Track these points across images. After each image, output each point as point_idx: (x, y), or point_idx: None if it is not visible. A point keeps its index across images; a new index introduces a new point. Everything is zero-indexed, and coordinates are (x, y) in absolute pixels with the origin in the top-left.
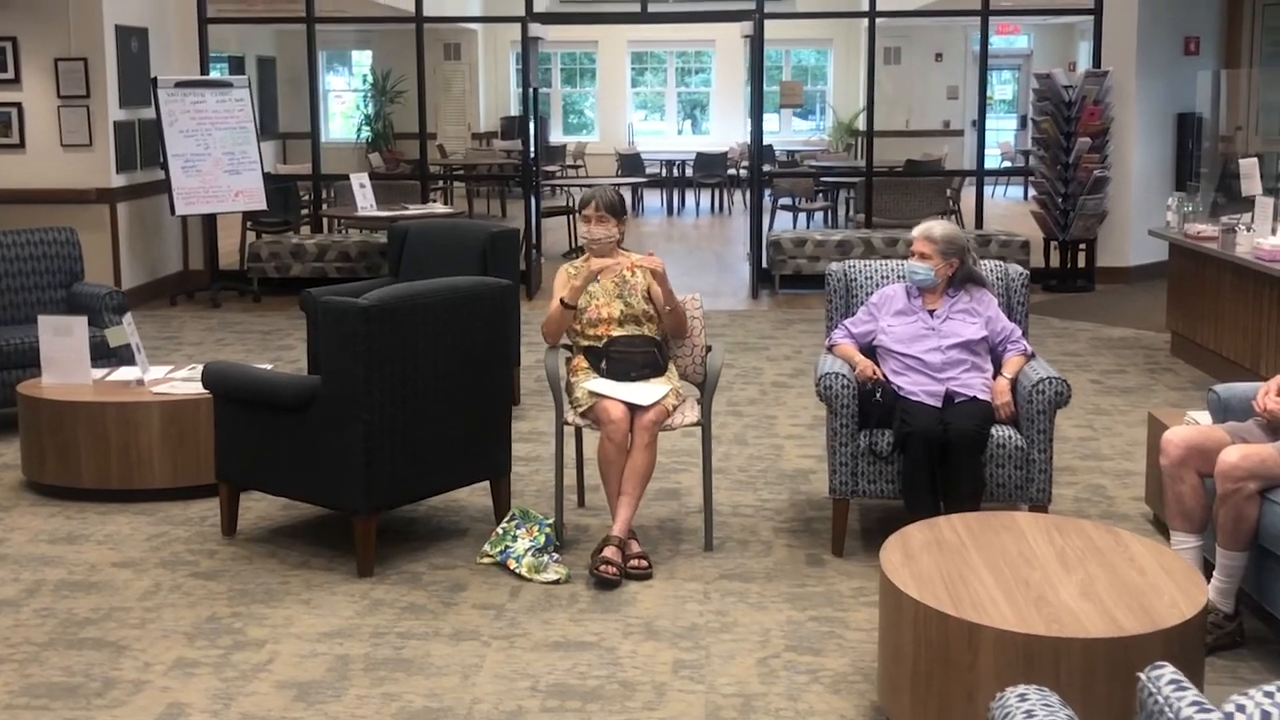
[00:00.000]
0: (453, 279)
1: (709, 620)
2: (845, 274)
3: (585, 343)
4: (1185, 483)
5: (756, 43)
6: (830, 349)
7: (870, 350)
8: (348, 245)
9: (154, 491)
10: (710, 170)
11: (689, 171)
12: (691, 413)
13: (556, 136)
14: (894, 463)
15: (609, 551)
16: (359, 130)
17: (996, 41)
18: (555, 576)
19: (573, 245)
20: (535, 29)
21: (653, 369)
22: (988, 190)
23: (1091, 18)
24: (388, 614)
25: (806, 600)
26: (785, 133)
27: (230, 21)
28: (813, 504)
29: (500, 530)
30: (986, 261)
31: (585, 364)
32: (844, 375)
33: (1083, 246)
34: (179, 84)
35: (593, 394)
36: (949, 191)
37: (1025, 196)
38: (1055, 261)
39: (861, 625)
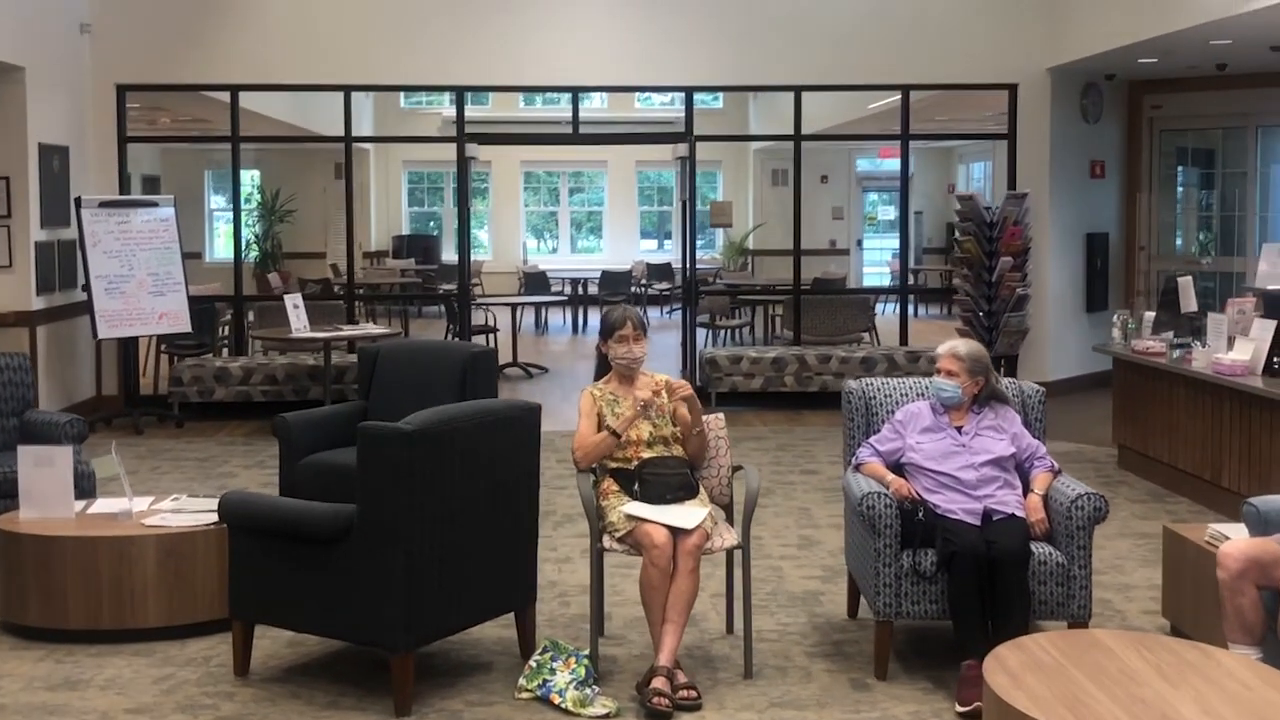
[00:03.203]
0: (483, 401)
1: None
2: (864, 392)
3: (614, 465)
4: (1245, 596)
5: (689, 164)
6: (857, 468)
7: (896, 468)
8: (274, 368)
9: (145, 631)
10: (615, 288)
11: (591, 290)
12: (730, 535)
13: (448, 255)
14: (937, 583)
15: (658, 682)
16: (247, 250)
17: (881, 164)
18: (604, 710)
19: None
20: (471, 148)
21: (687, 490)
22: (883, 307)
23: (975, 143)
24: None
25: None
26: (677, 252)
27: (152, 140)
28: (834, 626)
29: (534, 663)
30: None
31: (615, 487)
32: (885, 495)
33: (1003, 363)
34: (103, 203)
35: (631, 518)
36: (871, 310)
37: (915, 313)
38: None
39: None
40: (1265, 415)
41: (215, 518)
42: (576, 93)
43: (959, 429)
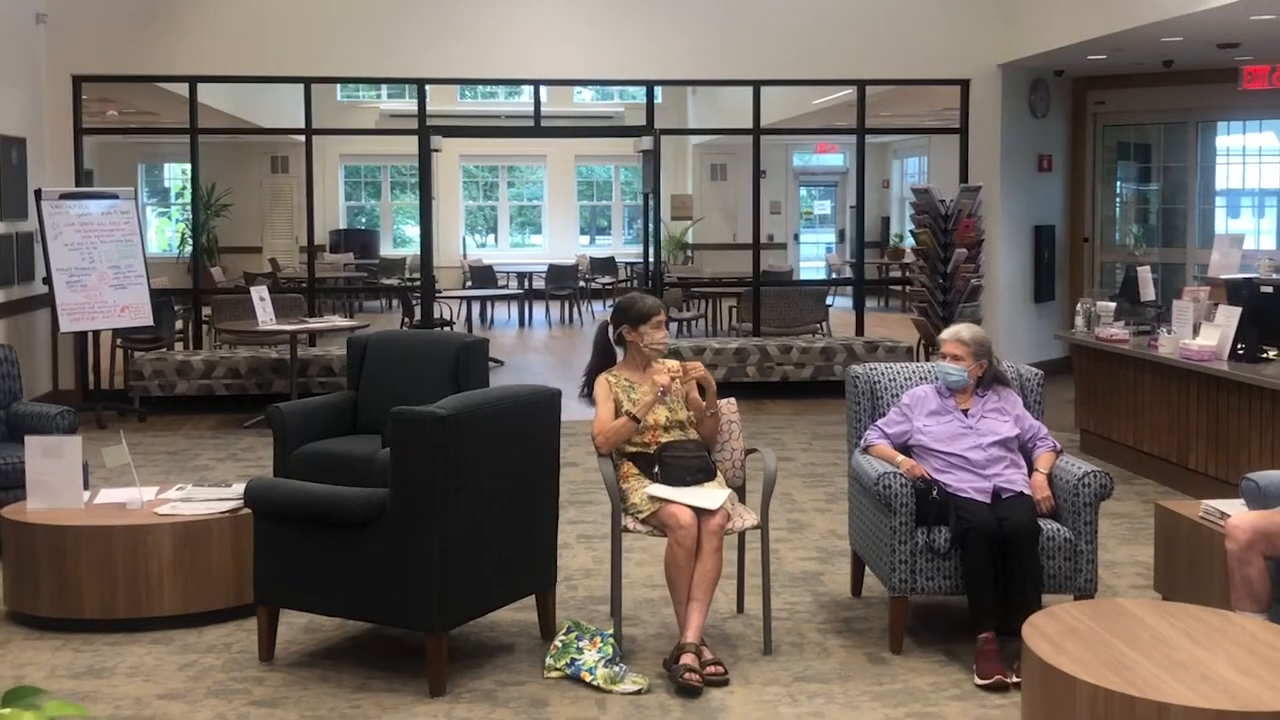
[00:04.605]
0: (509, 387)
1: None
2: (869, 377)
3: (633, 449)
4: (1253, 565)
5: (654, 158)
6: (866, 450)
7: (904, 450)
8: (237, 361)
9: (160, 620)
10: (561, 282)
11: (537, 284)
12: (750, 516)
13: (385, 249)
14: (950, 559)
15: (687, 658)
16: (182, 244)
17: (816, 159)
18: (635, 687)
19: None
20: (435, 140)
21: (705, 473)
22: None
23: (911, 138)
24: None
25: (893, 698)
26: (617, 246)
27: (107, 132)
28: (840, 604)
29: (560, 643)
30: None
31: (635, 470)
32: (901, 475)
33: None
34: (63, 195)
35: (655, 499)
36: (825, 302)
37: (854, 305)
38: None
39: (960, 718)
40: (1232, 398)
41: (228, 506)
42: (539, 86)
43: (965, 411)
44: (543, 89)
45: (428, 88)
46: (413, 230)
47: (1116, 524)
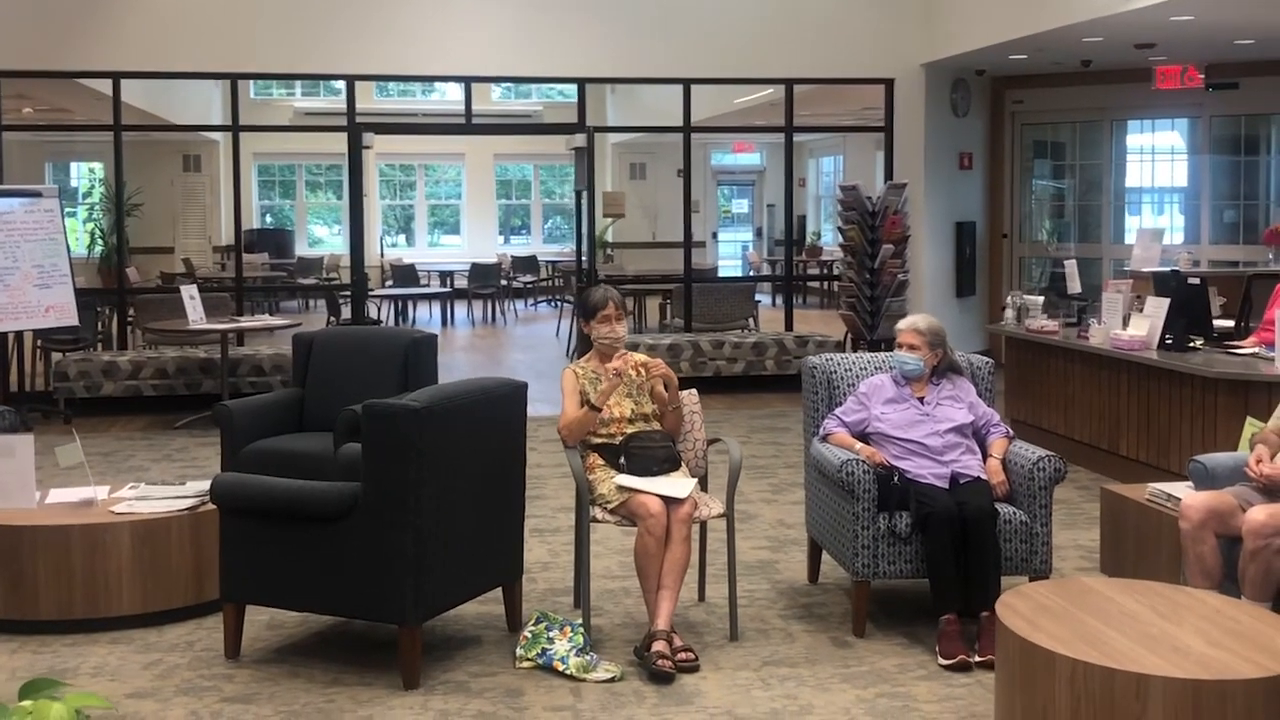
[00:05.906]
0: (478, 379)
1: (785, 704)
2: (825, 368)
3: (598, 440)
4: (1206, 544)
5: (587, 156)
6: (825, 438)
7: (862, 438)
8: (165, 362)
9: (119, 620)
10: (485, 281)
11: (459, 283)
12: (717, 505)
13: (301, 249)
14: (911, 543)
15: (659, 645)
16: (91, 244)
17: (737, 159)
18: (609, 674)
19: None
20: (367, 137)
21: (671, 463)
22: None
23: (826, 138)
24: None
25: (861, 680)
26: (536, 245)
27: (28, 129)
28: (797, 591)
29: (530, 634)
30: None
31: (600, 461)
32: (863, 462)
33: (884, 345)
34: None
35: (623, 489)
36: (754, 298)
37: (774, 303)
38: None
39: (929, 698)
40: (1162, 386)
41: (186, 504)
42: (469, 83)
43: (921, 399)
44: (463, 88)
45: (341, 87)
46: (323, 230)
47: (1054, 510)
